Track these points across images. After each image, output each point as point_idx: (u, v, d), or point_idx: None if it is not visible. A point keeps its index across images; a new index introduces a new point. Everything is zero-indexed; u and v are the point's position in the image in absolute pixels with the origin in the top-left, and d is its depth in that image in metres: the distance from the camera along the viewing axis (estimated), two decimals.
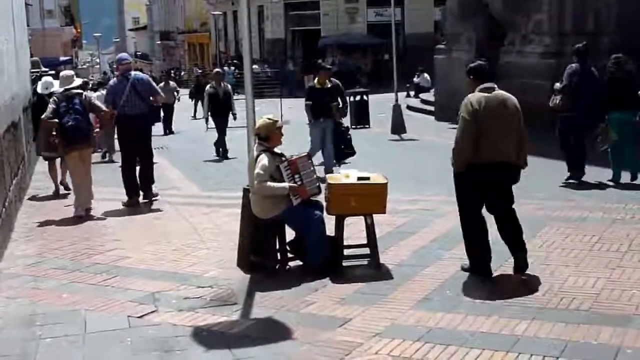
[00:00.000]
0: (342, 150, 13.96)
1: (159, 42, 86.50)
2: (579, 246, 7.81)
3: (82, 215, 10.57)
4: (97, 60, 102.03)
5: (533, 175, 11.91)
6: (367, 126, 22.11)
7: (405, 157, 15.93)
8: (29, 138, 15.20)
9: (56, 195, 12.52)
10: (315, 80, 13.82)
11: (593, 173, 11.46)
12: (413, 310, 6.13)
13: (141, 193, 11.58)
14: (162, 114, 23.22)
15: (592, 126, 11.10)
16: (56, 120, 10.58)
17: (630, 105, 10.95)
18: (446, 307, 6.13)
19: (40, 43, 36.80)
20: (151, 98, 11.50)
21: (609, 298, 6.17)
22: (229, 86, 17.98)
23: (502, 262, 7.26)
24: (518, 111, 6.89)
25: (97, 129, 12.98)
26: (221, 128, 17.20)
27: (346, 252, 7.52)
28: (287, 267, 7.58)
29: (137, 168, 11.60)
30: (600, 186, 11.07)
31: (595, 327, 5.52)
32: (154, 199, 11.60)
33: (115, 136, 16.74)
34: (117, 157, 17.37)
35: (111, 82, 12.13)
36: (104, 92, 17.93)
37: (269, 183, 7.06)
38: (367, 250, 7.52)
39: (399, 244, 8.28)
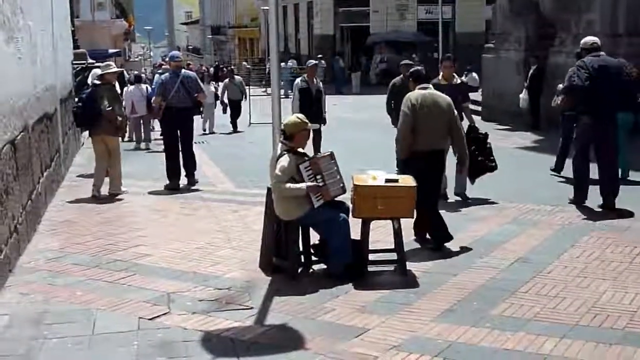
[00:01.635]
0: (479, 164, 10.26)
1: (210, 37, 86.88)
2: (619, 258, 7.39)
3: (96, 196, 11.48)
4: (151, 53, 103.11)
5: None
6: None
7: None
8: (67, 129, 15.17)
9: None
10: (440, 76, 10.77)
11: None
12: (435, 322, 5.80)
13: (185, 179, 12.61)
14: (227, 111, 23.12)
15: None
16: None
17: (630, 107, 11.00)
18: (471, 320, 5.78)
19: (90, 35, 37.06)
20: (196, 94, 12.52)
21: None
22: (321, 84, 15.08)
23: (533, 275, 6.91)
24: (450, 107, 8.08)
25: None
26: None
27: (372, 256, 7.23)
28: (311, 270, 7.29)
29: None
30: None
31: (630, 348, 5.14)
32: (196, 183, 12.54)
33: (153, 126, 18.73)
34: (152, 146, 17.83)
35: (162, 77, 13.11)
36: (142, 86, 18.63)
37: (288, 184, 6.78)
38: (394, 255, 7.21)
39: (429, 249, 7.94)
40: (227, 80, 23.79)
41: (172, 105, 12.14)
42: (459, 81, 11.03)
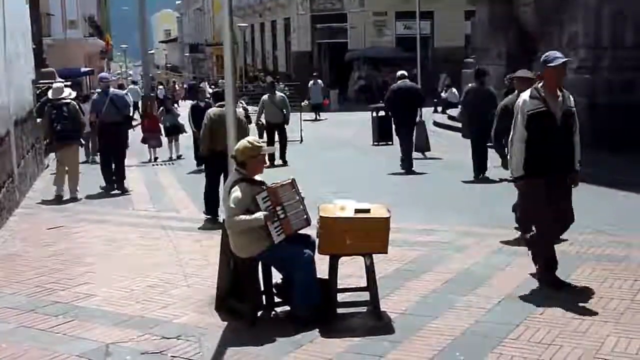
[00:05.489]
0: None
1: (187, 54, 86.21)
2: (619, 294, 6.57)
3: (76, 197, 13.15)
4: (130, 72, 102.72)
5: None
6: (390, 143, 20.82)
7: (427, 178, 14.73)
8: (25, 152, 14.29)
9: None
10: None
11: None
12: None
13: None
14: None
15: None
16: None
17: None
18: None
19: (62, 53, 36.13)
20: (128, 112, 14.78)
21: None
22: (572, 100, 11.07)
23: (523, 316, 6.09)
24: (240, 118, 10.24)
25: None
26: None
27: (341, 297, 6.39)
28: (273, 313, 6.45)
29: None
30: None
31: None
32: (126, 193, 13.81)
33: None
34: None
35: (94, 96, 14.81)
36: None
37: (241, 216, 5.95)
38: (366, 295, 6.37)
39: (407, 285, 7.11)
40: (265, 96, 18.52)
41: (103, 120, 13.92)
42: None
